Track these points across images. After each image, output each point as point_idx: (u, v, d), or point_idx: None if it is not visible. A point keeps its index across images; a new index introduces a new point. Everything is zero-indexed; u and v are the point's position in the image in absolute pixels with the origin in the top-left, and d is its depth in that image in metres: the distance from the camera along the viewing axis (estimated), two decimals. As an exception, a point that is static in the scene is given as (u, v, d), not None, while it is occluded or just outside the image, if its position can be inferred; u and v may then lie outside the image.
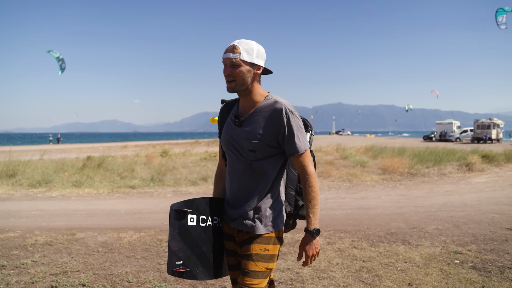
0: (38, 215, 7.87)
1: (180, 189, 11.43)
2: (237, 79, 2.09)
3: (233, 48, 2.08)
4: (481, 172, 14.70)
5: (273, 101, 2.15)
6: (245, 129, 2.16)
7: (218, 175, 2.46)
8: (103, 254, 5.09)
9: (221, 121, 2.36)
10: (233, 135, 2.20)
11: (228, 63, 2.09)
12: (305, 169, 2.14)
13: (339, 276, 4.15)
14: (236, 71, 2.08)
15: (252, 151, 2.13)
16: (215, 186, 2.47)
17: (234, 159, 2.21)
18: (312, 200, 2.12)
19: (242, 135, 2.16)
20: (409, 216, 7.31)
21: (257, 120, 2.14)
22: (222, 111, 2.37)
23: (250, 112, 2.18)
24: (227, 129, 2.26)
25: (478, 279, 3.99)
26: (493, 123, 43.42)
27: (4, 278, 4.21)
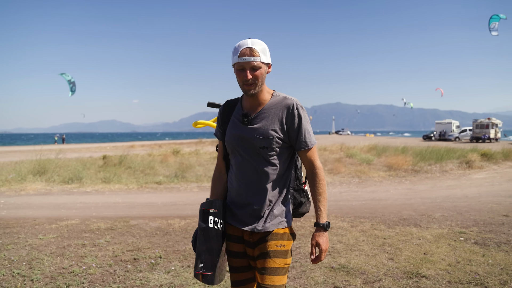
0: (84, 207, 8.79)
1: (203, 184, 12.38)
2: (258, 81, 2.09)
3: (251, 52, 2.05)
4: (480, 169, 15.69)
5: (283, 97, 2.18)
6: (255, 127, 2.14)
7: (216, 177, 2.40)
8: (162, 236, 6.02)
9: (223, 123, 2.31)
10: (241, 134, 2.17)
11: (248, 67, 2.06)
12: (314, 163, 2.18)
13: (367, 248, 5.12)
14: (257, 73, 2.08)
15: (264, 147, 2.12)
16: (214, 188, 2.40)
17: (242, 159, 2.19)
18: (322, 193, 2.16)
19: (252, 133, 2.14)
20: (417, 206, 8.28)
21: (267, 117, 2.14)
22: (223, 112, 2.33)
23: (259, 110, 2.18)
24: (233, 129, 2.23)
25: (480, 251, 4.95)
26: (491, 122, 44.19)
27: (91, 253, 5.13)
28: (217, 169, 2.41)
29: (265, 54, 2.10)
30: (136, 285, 4.03)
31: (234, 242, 2.26)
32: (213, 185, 2.41)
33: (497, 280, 3.93)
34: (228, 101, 2.35)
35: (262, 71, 2.08)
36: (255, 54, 2.05)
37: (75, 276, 4.28)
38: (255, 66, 2.06)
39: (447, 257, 4.70)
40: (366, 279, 4.05)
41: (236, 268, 2.28)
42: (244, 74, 2.06)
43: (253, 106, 2.19)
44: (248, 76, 2.05)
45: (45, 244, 5.54)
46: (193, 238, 2.29)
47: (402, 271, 4.26)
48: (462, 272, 4.16)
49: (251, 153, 2.15)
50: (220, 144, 2.38)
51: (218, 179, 2.39)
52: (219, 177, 2.38)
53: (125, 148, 35.45)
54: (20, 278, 4.20)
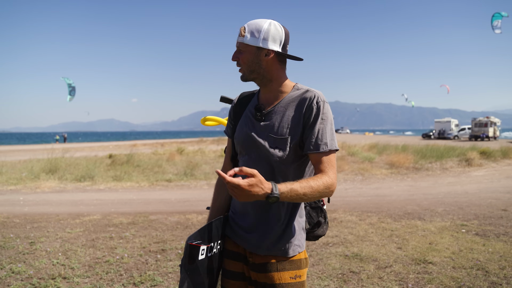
0: (101, 203, 9.19)
1: (212, 182, 12.79)
2: (243, 66, 1.80)
3: (241, 31, 1.78)
4: (480, 167, 16.13)
5: (304, 90, 1.80)
6: (268, 123, 1.79)
7: (220, 182, 2.02)
8: (183, 230, 6.42)
9: (234, 117, 1.97)
10: (253, 131, 1.81)
11: (237, 48, 1.82)
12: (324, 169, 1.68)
13: (376, 239, 5.54)
14: (240, 56, 1.80)
15: (277, 148, 1.74)
16: (216, 195, 2.02)
17: (252, 161, 1.80)
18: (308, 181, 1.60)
19: (264, 131, 1.78)
20: (420, 201, 8.70)
21: (283, 112, 1.78)
22: (237, 105, 1.99)
23: (275, 103, 1.82)
24: (244, 124, 1.87)
25: (480, 241, 5.37)
26: (490, 121, 44.56)
27: (120, 245, 5.54)
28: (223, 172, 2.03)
29: (255, 36, 1.74)
30: (168, 272, 4.43)
31: (233, 260, 1.89)
32: (216, 191, 2.03)
33: (497, 265, 4.36)
34: (243, 93, 2.03)
35: (248, 56, 1.78)
36: (242, 33, 1.77)
37: (111, 265, 4.68)
38: (238, 48, 1.80)
39: (450, 246, 5.13)
40: (378, 265, 4.47)
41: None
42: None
43: (268, 99, 1.85)
44: (234, 56, 1.83)
45: (74, 237, 5.94)
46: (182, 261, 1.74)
47: (410, 258, 4.68)
48: (465, 259, 4.59)
49: (262, 155, 1.77)
50: (229, 143, 2.04)
51: (222, 185, 2.00)
52: (223, 183, 1.98)
53: (128, 147, 35.88)
54: (60, 267, 4.60)
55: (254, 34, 1.74)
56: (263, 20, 1.77)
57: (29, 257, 4.93)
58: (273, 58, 1.78)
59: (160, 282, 4.11)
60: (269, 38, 1.74)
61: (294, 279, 1.77)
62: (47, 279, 4.19)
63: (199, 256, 1.71)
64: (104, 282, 4.12)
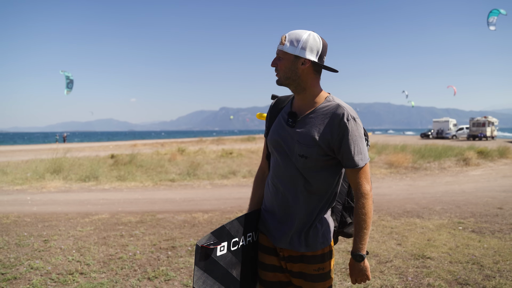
0: (108, 203, 9.41)
1: (214, 181, 13.03)
2: (280, 71, 1.93)
3: (282, 39, 1.92)
4: (477, 166, 16.40)
5: (335, 104, 1.90)
6: (299, 131, 1.92)
7: (259, 178, 2.25)
8: (190, 228, 6.65)
9: (270, 118, 2.13)
10: (284, 135, 1.97)
11: (277, 55, 1.95)
12: (359, 187, 1.88)
13: (377, 236, 5.79)
14: (279, 63, 1.93)
15: (303, 156, 1.89)
16: (255, 190, 2.24)
17: (280, 163, 1.98)
18: (361, 222, 1.87)
19: (294, 137, 1.92)
20: (419, 200, 8.95)
21: (313, 123, 1.90)
22: (273, 108, 2.15)
23: (307, 112, 1.95)
24: (277, 128, 2.02)
25: (476, 237, 5.63)
26: (488, 121, 44.68)
27: (131, 243, 5.77)
28: (260, 169, 2.26)
29: (294, 45, 1.89)
30: (180, 267, 4.67)
31: (267, 254, 2.07)
32: (254, 187, 2.26)
33: (491, 260, 4.61)
34: (280, 97, 2.19)
35: (285, 63, 1.91)
36: (283, 41, 1.91)
37: (124, 261, 4.91)
38: (278, 54, 1.94)
39: (448, 242, 5.39)
40: (380, 260, 4.71)
41: (270, 283, 2.07)
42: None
43: (301, 107, 1.98)
44: (273, 62, 1.96)
45: (86, 235, 6.17)
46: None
47: (410, 253, 4.93)
48: (461, 254, 4.84)
49: (291, 159, 1.94)
50: (265, 142, 2.19)
51: (261, 181, 2.23)
52: (262, 179, 2.23)
53: (128, 147, 36.09)
54: (76, 263, 4.82)
55: (294, 43, 1.88)
56: (303, 31, 1.90)
57: (45, 254, 5.16)
58: (309, 68, 1.91)
59: (173, 277, 4.34)
60: (307, 48, 1.87)
61: (317, 271, 1.96)
62: (66, 275, 4.41)
63: (217, 252, 1.85)
64: (120, 277, 4.35)
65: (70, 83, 26.05)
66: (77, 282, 4.21)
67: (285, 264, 2.04)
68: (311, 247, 1.96)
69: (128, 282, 4.23)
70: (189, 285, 4.13)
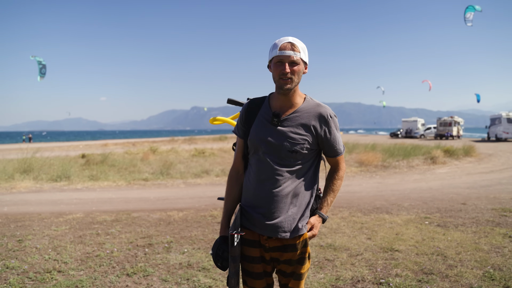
0: (81, 202, 9.36)
1: (188, 180, 13.09)
2: (295, 77, 2.06)
3: (292, 46, 2.05)
4: (443, 164, 17.03)
5: (316, 104, 2.16)
6: (285, 129, 2.10)
7: (233, 177, 2.33)
8: (166, 226, 6.73)
9: (247, 120, 2.24)
10: (269, 134, 2.12)
11: (288, 61, 2.05)
12: (340, 168, 2.29)
13: (348, 231, 6.02)
14: (295, 69, 2.06)
15: (293, 152, 2.08)
16: (230, 189, 2.33)
17: (265, 160, 2.13)
18: (335, 190, 2.25)
19: (281, 136, 2.10)
20: (388, 197, 9.29)
21: (299, 121, 2.11)
22: (248, 110, 2.26)
23: (290, 112, 2.13)
24: (260, 128, 2.16)
25: (441, 231, 5.94)
26: (454, 120, 45.82)
27: (108, 241, 5.80)
28: (235, 168, 2.34)
29: (305, 53, 2.11)
30: (158, 263, 4.76)
31: (252, 247, 2.20)
32: (229, 185, 2.34)
33: (454, 251, 4.91)
34: (253, 99, 2.31)
35: (300, 68, 2.08)
36: (295, 49, 2.05)
37: (102, 258, 4.96)
38: (295, 61, 2.06)
39: (414, 236, 5.67)
40: (351, 253, 4.94)
41: (254, 274, 2.21)
42: (282, 67, 2.05)
43: (283, 107, 2.15)
44: (287, 69, 2.04)
45: (62, 235, 6.16)
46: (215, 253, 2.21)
47: (379, 247, 5.18)
48: (427, 247, 5.12)
49: (277, 155, 2.11)
50: (240, 143, 2.29)
51: (235, 179, 2.32)
52: (237, 177, 2.32)
53: (99, 147, 35.56)
54: (53, 262, 4.84)
55: (304, 50, 2.10)
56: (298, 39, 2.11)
57: (20, 254, 5.15)
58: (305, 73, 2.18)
59: (151, 273, 4.44)
60: (307, 54, 2.14)
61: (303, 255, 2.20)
62: (43, 273, 4.44)
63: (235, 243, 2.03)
64: (98, 274, 4.41)
65: (43, 68, 25.06)
66: (55, 280, 4.25)
67: (269, 255, 2.21)
68: (298, 234, 2.14)
69: (107, 278, 4.29)
70: (168, 280, 4.23)
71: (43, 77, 25.28)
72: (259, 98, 2.30)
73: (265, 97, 2.28)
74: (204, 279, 4.20)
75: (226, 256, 2.10)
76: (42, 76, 25.25)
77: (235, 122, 3.12)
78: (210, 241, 5.71)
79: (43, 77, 25.33)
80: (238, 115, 3.16)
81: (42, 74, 25.21)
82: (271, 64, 2.12)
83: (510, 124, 37.16)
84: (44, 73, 25.33)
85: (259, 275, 2.21)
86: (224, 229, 2.29)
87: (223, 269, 2.14)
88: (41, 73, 25.12)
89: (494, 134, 39.50)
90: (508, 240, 5.41)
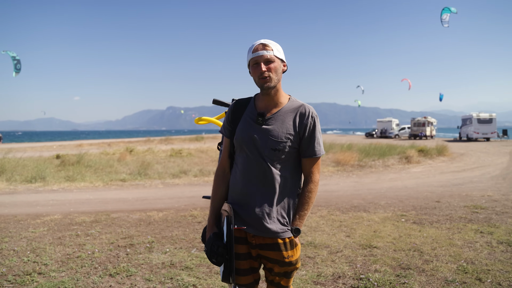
0: (58, 203, 9.22)
1: (166, 181, 13.03)
2: (273, 74, 2.11)
3: (264, 46, 2.12)
4: (418, 164, 17.45)
5: (300, 104, 2.21)
6: (270, 128, 2.15)
7: (219, 176, 2.37)
8: (146, 226, 6.72)
9: (233, 120, 2.29)
10: (255, 133, 2.17)
11: (262, 60, 2.10)
12: (312, 175, 2.21)
13: (327, 229, 6.15)
14: (271, 66, 2.10)
15: (276, 150, 2.13)
16: (217, 187, 2.37)
17: (251, 159, 2.18)
18: (305, 204, 2.19)
19: (266, 134, 2.15)
20: (365, 196, 9.49)
21: (283, 120, 2.16)
22: (234, 110, 2.31)
23: (274, 111, 2.19)
24: (246, 127, 2.21)
25: (417, 228, 6.13)
26: (427, 121, 46.80)
27: (88, 242, 5.76)
28: (221, 167, 2.38)
29: (279, 51, 2.15)
30: (141, 263, 4.77)
31: (238, 244, 2.23)
32: (216, 184, 2.38)
33: (430, 246, 5.10)
34: (239, 99, 2.36)
35: (276, 65, 2.12)
36: (267, 48, 2.11)
37: (83, 259, 4.93)
38: (269, 59, 2.11)
39: (392, 233, 5.85)
40: (331, 251, 5.06)
41: (241, 270, 2.24)
42: (259, 68, 2.11)
43: (268, 106, 2.22)
44: (263, 68, 2.09)
45: (40, 236, 6.08)
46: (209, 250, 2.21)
47: (358, 244, 5.32)
48: (404, 243, 5.29)
49: (262, 153, 2.15)
50: (226, 142, 2.35)
51: (222, 178, 2.36)
52: (223, 176, 2.36)
53: (74, 147, 34.92)
54: (32, 264, 4.78)
55: (278, 49, 2.15)
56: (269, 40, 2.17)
57: (-3, 256, 5.07)
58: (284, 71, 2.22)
59: (134, 272, 4.44)
60: (282, 52, 2.19)
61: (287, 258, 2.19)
62: (23, 276, 4.38)
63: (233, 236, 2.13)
64: (80, 275, 4.39)
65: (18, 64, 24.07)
66: (36, 282, 4.20)
67: (256, 252, 2.25)
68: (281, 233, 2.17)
69: (89, 279, 4.28)
70: (151, 279, 4.25)
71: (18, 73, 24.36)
72: (245, 99, 2.35)
73: (250, 98, 2.35)
74: (187, 278, 4.24)
75: (221, 252, 2.14)
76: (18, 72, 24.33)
77: (220, 122, 3.18)
78: (192, 241, 5.74)
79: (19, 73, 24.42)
80: (223, 115, 3.21)
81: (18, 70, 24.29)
82: (250, 68, 2.18)
83: (480, 124, 38.26)
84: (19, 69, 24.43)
85: (245, 272, 2.24)
86: (212, 227, 2.34)
87: (218, 264, 2.18)
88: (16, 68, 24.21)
89: (466, 134, 40.61)
90: (479, 235, 5.64)
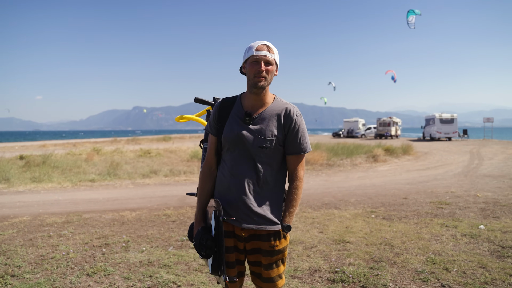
0: (26, 205, 8.99)
1: (136, 181, 12.91)
2: (268, 76, 2.22)
3: (268, 48, 2.22)
4: (384, 162, 17.96)
5: (285, 103, 2.32)
6: (257, 127, 2.24)
7: (206, 173, 2.44)
8: (120, 226, 6.68)
9: (220, 118, 2.36)
10: (242, 132, 2.25)
11: (264, 60, 2.20)
12: (297, 172, 2.31)
13: (301, 226, 6.30)
14: (269, 68, 2.21)
15: (263, 147, 2.22)
16: (203, 184, 2.44)
17: (239, 156, 2.27)
18: (293, 200, 2.29)
19: (253, 133, 2.24)
20: (335, 193, 9.73)
21: (269, 119, 2.25)
22: (221, 109, 2.38)
23: (260, 111, 2.28)
24: (233, 126, 2.29)
25: (387, 223, 6.38)
26: (392, 121, 47.99)
27: (61, 242, 5.69)
28: (207, 164, 2.44)
29: (277, 57, 2.28)
30: (118, 262, 4.76)
31: (227, 237, 2.30)
32: (202, 181, 2.44)
33: (399, 240, 5.33)
34: (225, 98, 2.44)
35: (273, 68, 2.24)
36: (271, 50, 2.22)
37: (58, 260, 4.86)
38: (269, 61, 2.22)
39: (363, 228, 6.06)
40: (305, 246, 5.21)
41: (230, 263, 2.31)
42: (258, 66, 2.19)
43: (255, 106, 2.30)
44: (263, 67, 2.19)
45: (9, 238, 5.94)
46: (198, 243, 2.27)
47: (331, 239, 5.49)
48: (375, 237, 5.51)
49: (250, 151, 2.24)
50: (213, 140, 2.41)
51: (208, 175, 2.43)
52: (210, 173, 2.43)
53: (37, 148, 33.89)
54: (4, 266, 4.67)
55: (277, 54, 2.27)
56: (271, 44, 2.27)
57: (-34, 259, 4.94)
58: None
59: (112, 271, 4.44)
60: (279, 59, 2.30)
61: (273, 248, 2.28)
62: (-5, 278, 4.30)
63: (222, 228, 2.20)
64: (57, 276, 4.34)
65: None
66: (10, 284, 4.13)
67: (243, 245, 2.34)
68: (273, 226, 2.27)
69: (66, 279, 4.24)
70: (130, 278, 4.26)
71: None
72: (231, 98, 2.43)
73: (236, 96, 2.42)
74: (166, 275, 4.28)
75: (209, 245, 2.21)
76: None
77: (201, 119, 3.24)
78: (168, 239, 5.76)
79: None
80: (203, 112, 3.27)
81: None
82: (247, 64, 2.25)
83: (442, 124, 39.60)
84: None
85: (231, 264, 2.32)
86: (200, 222, 2.40)
87: (207, 257, 2.25)
88: None
89: (429, 133, 41.92)
90: (445, 229, 5.93)
